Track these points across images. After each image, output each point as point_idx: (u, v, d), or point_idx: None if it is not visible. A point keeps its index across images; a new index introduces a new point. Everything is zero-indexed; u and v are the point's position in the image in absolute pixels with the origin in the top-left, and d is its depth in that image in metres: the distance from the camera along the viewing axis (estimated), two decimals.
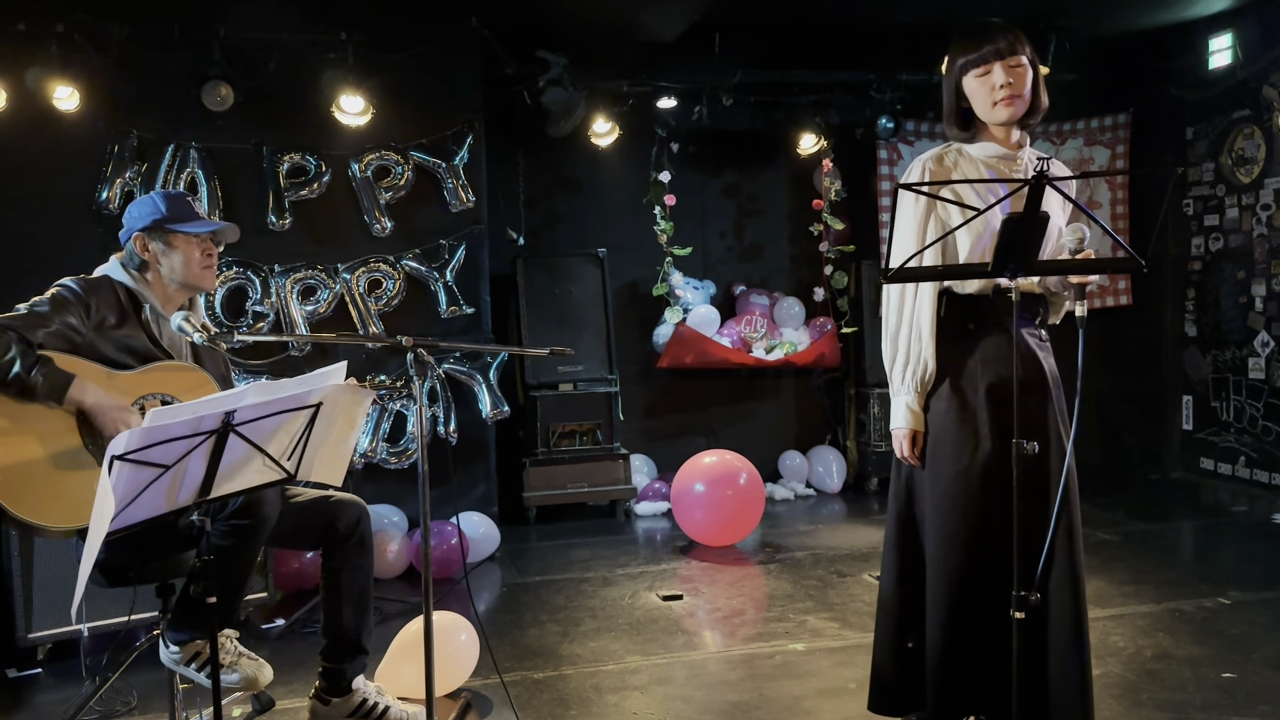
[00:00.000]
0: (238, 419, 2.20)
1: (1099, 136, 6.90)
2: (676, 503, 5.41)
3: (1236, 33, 6.20)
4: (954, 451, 2.53)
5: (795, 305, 6.71)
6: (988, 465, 2.50)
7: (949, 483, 2.54)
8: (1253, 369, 6.33)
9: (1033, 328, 2.60)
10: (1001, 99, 2.48)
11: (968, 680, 2.55)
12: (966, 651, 2.53)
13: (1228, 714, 3.13)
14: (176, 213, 2.87)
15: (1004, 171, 2.54)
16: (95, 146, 4.89)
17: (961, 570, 2.52)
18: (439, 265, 5.39)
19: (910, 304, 2.57)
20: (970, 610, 2.52)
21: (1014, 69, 2.48)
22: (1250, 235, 6.32)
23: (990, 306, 2.54)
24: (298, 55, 5.09)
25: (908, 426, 2.59)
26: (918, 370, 2.56)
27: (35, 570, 3.72)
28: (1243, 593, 4.30)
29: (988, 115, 2.52)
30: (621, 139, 6.12)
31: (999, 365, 2.52)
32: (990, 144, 2.57)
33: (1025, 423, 2.46)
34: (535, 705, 3.37)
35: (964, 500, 2.51)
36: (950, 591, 2.53)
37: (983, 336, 2.55)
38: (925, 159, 2.61)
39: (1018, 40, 2.50)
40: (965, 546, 2.51)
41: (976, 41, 2.50)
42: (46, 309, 2.68)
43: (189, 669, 2.75)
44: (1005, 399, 2.48)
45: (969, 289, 2.55)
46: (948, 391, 2.56)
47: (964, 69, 2.52)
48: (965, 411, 2.53)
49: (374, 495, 5.15)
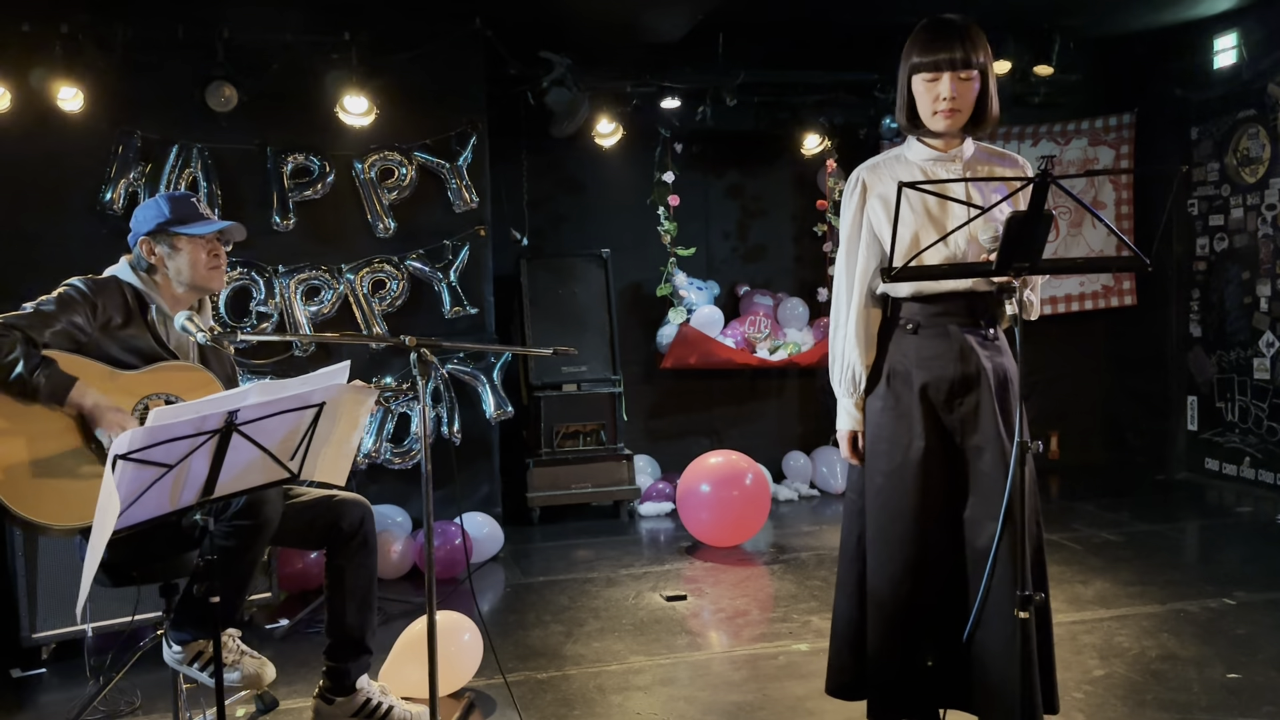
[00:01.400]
0: (241, 419, 2.20)
1: (1103, 136, 6.89)
2: (682, 503, 5.41)
3: (1241, 32, 6.18)
4: (888, 450, 2.58)
5: (799, 306, 6.70)
6: (922, 464, 2.53)
7: (884, 480, 2.59)
8: (1258, 370, 6.31)
9: (979, 328, 2.57)
10: (942, 110, 2.49)
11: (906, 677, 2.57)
12: (902, 650, 2.56)
13: (1232, 715, 3.13)
14: (180, 214, 2.87)
15: (940, 175, 2.56)
16: (99, 147, 4.90)
17: (895, 565, 2.55)
18: (443, 266, 5.39)
19: (843, 309, 2.65)
20: (907, 605, 2.54)
21: (963, 81, 2.47)
22: (1255, 235, 6.30)
23: (929, 307, 2.56)
24: (302, 56, 5.09)
25: (845, 428, 2.69)
26: (847, 373, 2.64)
27: (39, 570, 3.72)
28: (1248, 594, 4.29)
29: (927, 120, 2.54)
30: (625, 139, 6.12)
31: (934, 364, 2.54)
32: (924, 148, 2.60)
33: (962, 422, 2.50)
34: (539, 705, 3.37)
35: (898, 498, 2.55)
36: (885, 586, 2.57)
37: (920, 337, 2.57)
38: (861, 168, 2.68)
39: (974, 48, 2.47)
40: (900, 542, 2.55)
41: (932, 46, 2.48)
42: (53, 308, 2.69)
43: (192, 669, 2.76)
44: (941, 398, 2.53)
45: (902, 291, 2.57)
46: (884, 391, 2.61)
47: (914, 69, 2.52)
48: (900, 410, 2.57)
49: (378, 495, 5.15)
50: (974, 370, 2.52)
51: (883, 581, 2.58)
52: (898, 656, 2.57)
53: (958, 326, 2.53)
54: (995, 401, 2.49)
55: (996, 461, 2.47)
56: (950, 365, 2.52)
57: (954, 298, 2.53)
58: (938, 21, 2.51)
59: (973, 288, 2.53)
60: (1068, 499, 6.28)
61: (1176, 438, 6.93)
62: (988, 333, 2.58)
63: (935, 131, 2.55)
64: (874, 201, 2.60)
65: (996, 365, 2.54)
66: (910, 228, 2.52)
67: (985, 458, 2.50)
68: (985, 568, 2.44)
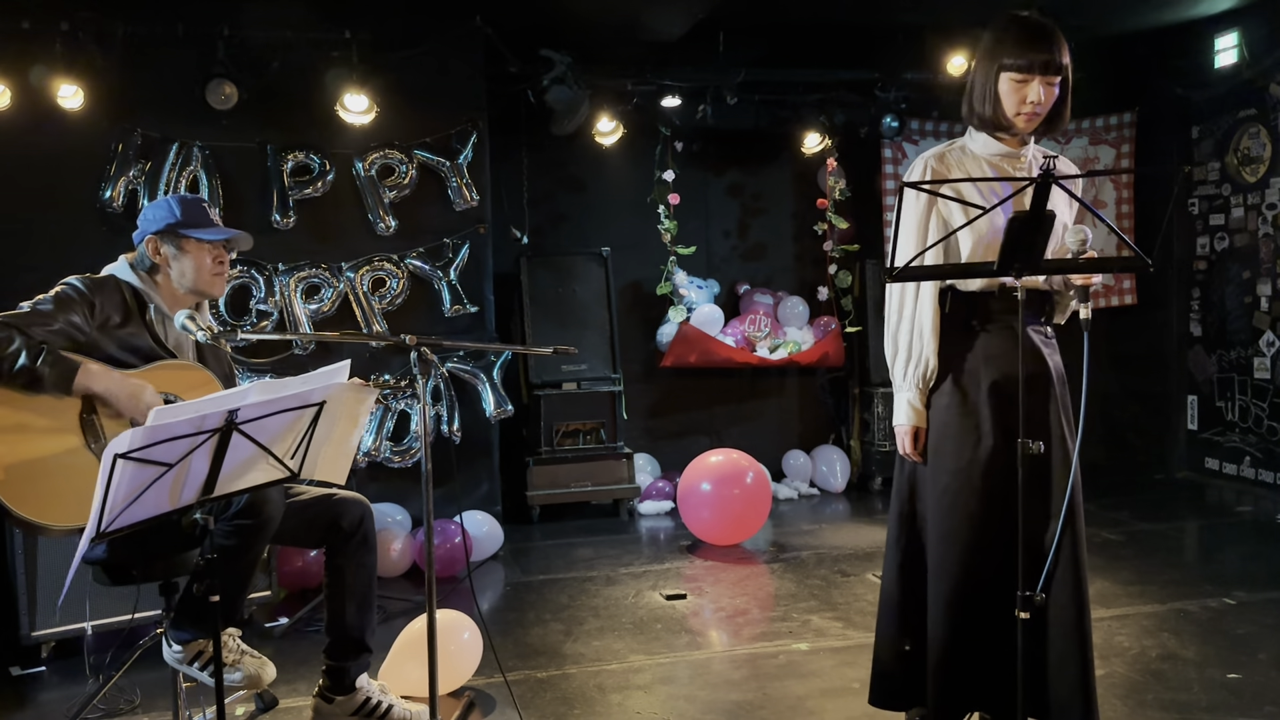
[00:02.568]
0: (241, 417, 2.20)
1: (1104, 135, 6.88)
2: (682, 501, 5.41)
3: (1242, 31, 6.18)
4: (955, 448, 2.54)
5: (799, 304, 6.70)
6: (989, 462, 2.50)
7: (950, 479, 2.54)
8: (1258, 369, 6.31)
9: (1038, 325, 2.60)
10: (1026, 113, 2.48)
11: (968, 677, 2.54)
12: (967, 648, 2.53)
13: (1233, 714, 3.12)
14: (190, 218, 2.87)
15: (1007, 170, 2.55)
16: (99, 145, 4.90)
17: (962, 567, 2.52)
18: (443, 264, 5.39)
19: (911, 301, 2.58)
20: (970, 607, 2.52)
21: (1049, 85, 2.47)
22: (1256, 235, 6.30)
23: (994, 303, 2.54)
24: (302, 54, 5.09)
25: (910, 423, 2.60)
26: (919, 367, 2.57)
27: (39, 569, 3.72)
28: (1248, 593, 4.29)
29: (1007, 118, 2.51)
30: (625, 138, 6.11)
31: (1001, 362, 2.52)
32: (993, 142, 2.56)
33: (1028, 420, 2.46)
34: (538, 704, 3.37)
35: (964, 497, 2.52)
36: (951, 588, 2.54)
37: (986, 333, 2.55)
38: (928, 157, 2.61)
39: (1062, 52, 2.47)
40: (965, 543, 2.51)
41: (1026, 47, 2.45)
42: (50, 307, 2.68)
43: (192, 668, 2.75)
44: (1007, 396, 2.49)
45: (972, 286, 2.55)
46: (950, 388, 2.56)
47: (1004, 67, 2.48)
48: (967, 408, 2.53)
49: (377, 494, 5.15)
50: (1040, 368, 2.54)
51: (951, 585, 2.53)
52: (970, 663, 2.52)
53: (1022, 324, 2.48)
54: (1059, 399, 2.51)
55: (1060, 460, 2.48)
56: (1017, 363, 2.43)
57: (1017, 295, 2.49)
58: (1029, 21, 2.50)
59: (1036, 286, 2.54)
60: None
61: (1177, 437, 6.93)
62: (1046, 331, 2.60)
63: (1014, 129, 2.52)
64: (945, 191, 2.53)
65: (1055, 363, 2.57)
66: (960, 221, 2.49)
67: (1048, 456, 2.49)
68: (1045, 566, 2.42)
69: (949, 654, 2.54)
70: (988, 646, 2.51)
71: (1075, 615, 2.47)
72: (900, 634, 2.68)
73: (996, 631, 2.50)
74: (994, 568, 2.48)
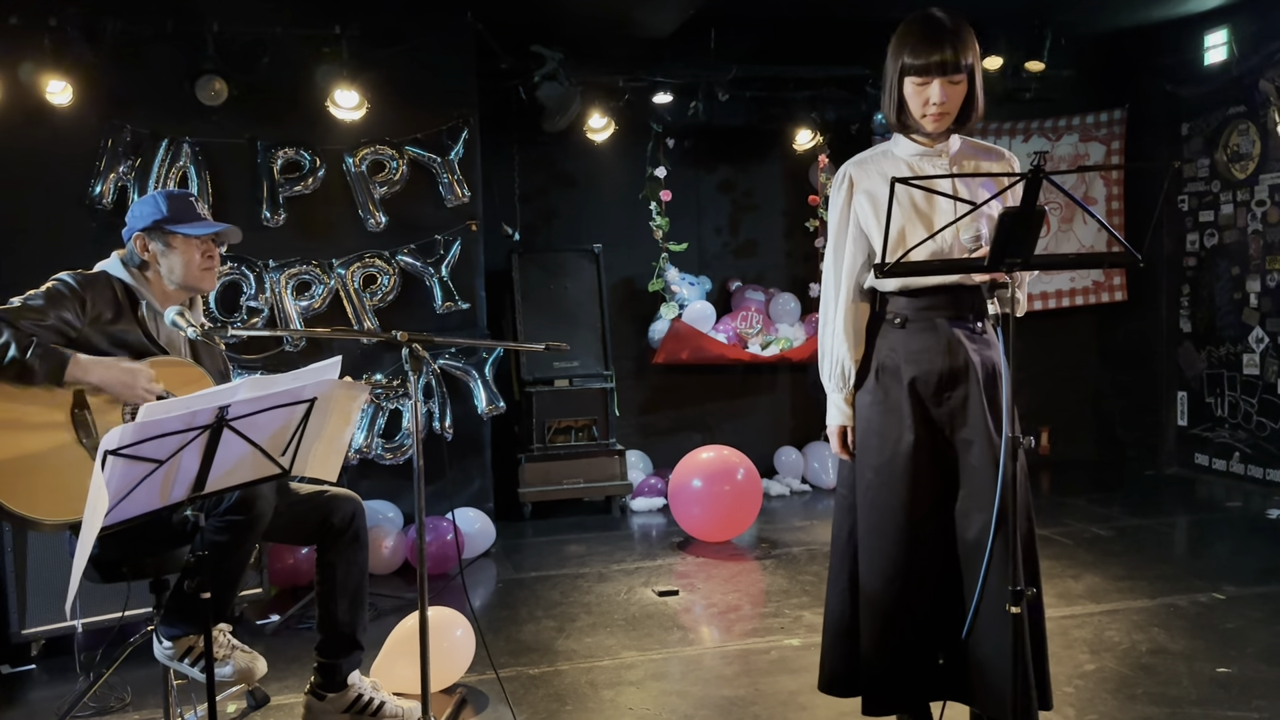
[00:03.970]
0: (232, 414, 2.19)
1: (1094, 132, 6.90)
2: (674, 498, 5.41)
3: (1232, 28, 6.20)
4: (878, 444, 2.60)
5: (791, 301, 6.71)
6: (912, 457, 2.54)
7: (874, 474, 2.60)
8: (1247, 365, 6.34)
9: (966, 322, 2.58)
10: (931, 114, 2.51)
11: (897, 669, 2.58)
12: (895, 645, 2.57)
13: (1222, 708, 3.14)
14: (177, 213, 2.85)
15: (927, 170, 2.58)
16: (88, 141, 4.88)
17: (887, 559, 2.56)
18: (434, 260, 5.38)
19: (831, 305, 2.67)
20: (898, 601, 2.55)
21: (953, 85, 2.48)
22: (1245, 231, 6.32)
23: (916, 301, 2.57)
24: (292, 49, 5.07)
25: (835, 423, 2.69)
26: (836, 368, 2.65)
27: (29, 566, 3.70)
28: (1237, 588, 4.31)
29: (915, 120, 2.55)
30: (617, 134, 6.11)
31: (922, 358, 2.56)
32: (911, 143, 2.61)
33: (950, 415, 2.50)
34: (531, 701, 3.37)
35: (887, 492, 2.57)
36: (878, 580, 2.58)
37: (906, 331, 2.58)
38: (849, 165, 2.68)
39: (963, 50, 2.46)
40: (891, 537, 2.56)
41: (923, 50, 2.46)
42: (41, 303, 2.67)
43: (183, 664, 2.75)
44: (929, 392, 2.55)
45: (888, 286, 2.59)
46: (873, 385, 2.62)
47: (904, 70, 2.50)
48: (889, 405, 2.58)
49: (369, 491, 5.14)
50: (962, 364, 2.54)
51: (875, 576, 2.59)
52: (891, 651, 2.58)
53: (945, 320, 2.55)
54: (984, 395, 2.50)
55: (985, 454, 2.48)
56: (938, 359, 2.53)
57: (941, 292, 2.54)
58: (928, 21, 2.49)
59: (960, 282, 2.54)
60: (1058, 494, 6.30)
61: (1166, 433, 6.96)
62: (975, 326, 2.58)
63: (924, 131, 2.56)
64: (860, 197, 2.61)
65: (985, 359, 2.55)
66: (897, 223, 2.53)
67: (974, 451, 2.51)
68: (976, 561, 2.45)
69: (877, 645, 2.59)
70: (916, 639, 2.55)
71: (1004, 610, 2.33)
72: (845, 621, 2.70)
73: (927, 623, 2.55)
74: (921, 561, 2.53)
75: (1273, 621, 3.90)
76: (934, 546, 2.55)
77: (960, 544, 2.54)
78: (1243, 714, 3.10)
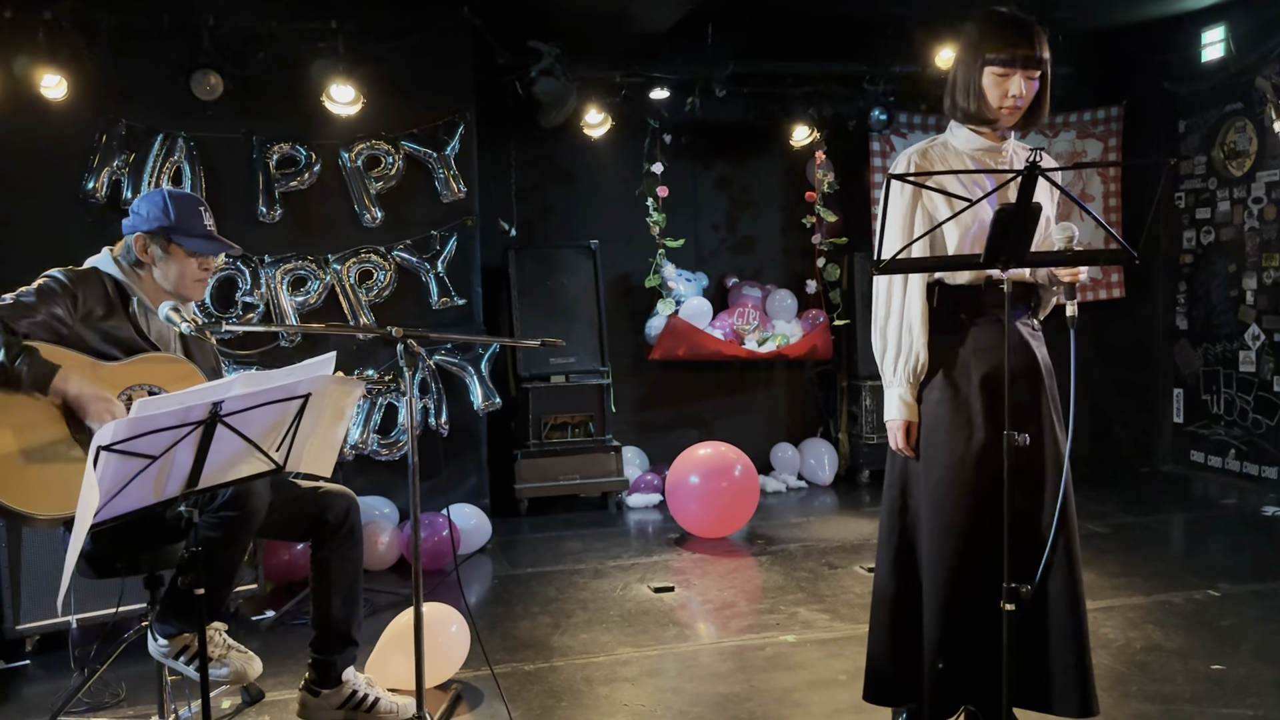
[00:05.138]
0: (225, 410, 2.19)
1: (1092, 129, 6.90)
2: (671, 494, 5.41)
3: (1229, 26, 6.19)
4: (948, 441, 2.54)
5: (788, 297, 6.70)
6: (982, 455, 2.50)
7: (944, 473, 2.54)
8: (1243, 362, 6.34)
9: (1025, 318, 2.61)
10: (1008, 106, 2.51)
11: (962, 672, 2.55)
12: (962, 642, 2.53)
13: (1217, 705, 3.14)
14: (183, 224, 2.82)
15: (988, 164, 2.57)
16: (83, 135, 4.86)
17: (959, 559, 2.53)
18: (430, 256, 5.37)
19: (899, 296, 2.58)
20: (966, 601, 2.52)
21: (1030, 79, 2.50)
22: (1241, 229, 6.33)
23: (982, 297, 2.55)
24: (288, 44, 5.06)
25: (901, 418, 2.60)
26: (910, 362, 2.57)
27: (23, 561, 3.69)
28: (1232, 585, 4.31)
29: (991, 111, 2.53)
30: (614, 130, 6.10)
31: (991, 355, 2.52)
32: (975, 136, 2.58)
33: (1018, 412, 2.47)
34: (526, 697, 3.36)
35: (958, 490, 2.52)
36: (946, 582, 2.54)
37: (974, 327, 2.55)
38: (910, 152, 2.63)
39: (1042, 46, 2.50)
40: (961, 536, 2.52)
41: (1007, 42, 2.48)
42: (33, 299, 2.66)
43: (177, 662, 2.74)
44: (998, 389, 2.48)
45: (960, 279, 2.55)
46: (941, 382, 2.56)
47: (986, 62, 2.50)
48: (959, 401, 2.54)
49: (365, 487, 5.14)
50: (1030, 361, 2.56)
51: (945, 575, 2.53)
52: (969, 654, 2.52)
53: (1009, 318, 2.47)
54: (1049, 392, 2.53)
55: (1051, 452, 2.50)
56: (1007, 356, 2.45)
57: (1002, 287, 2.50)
58: (1012, 17, 2.53)
59: (1022, 279, 2.55)
60: None
61: (1162, 430, 6.96)
62: (1034, 323, 2.61)
63: (996, 123, 2.54)
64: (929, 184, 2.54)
65: (1042, 355, 2.59)
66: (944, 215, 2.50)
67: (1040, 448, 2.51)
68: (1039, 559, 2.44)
69: (944, 648, 2.54)
70: (981, 640, 2.51)
71: (1069, 605, 2.50)
72: (895, 626, 2.67)
73: (991, 625, 2.49)
74: (989, 561, 2.48)
75: (1267, 619, 3.90)
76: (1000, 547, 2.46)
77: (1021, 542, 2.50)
78: (1237, 711, 3.10)
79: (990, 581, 2.46)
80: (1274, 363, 6.12)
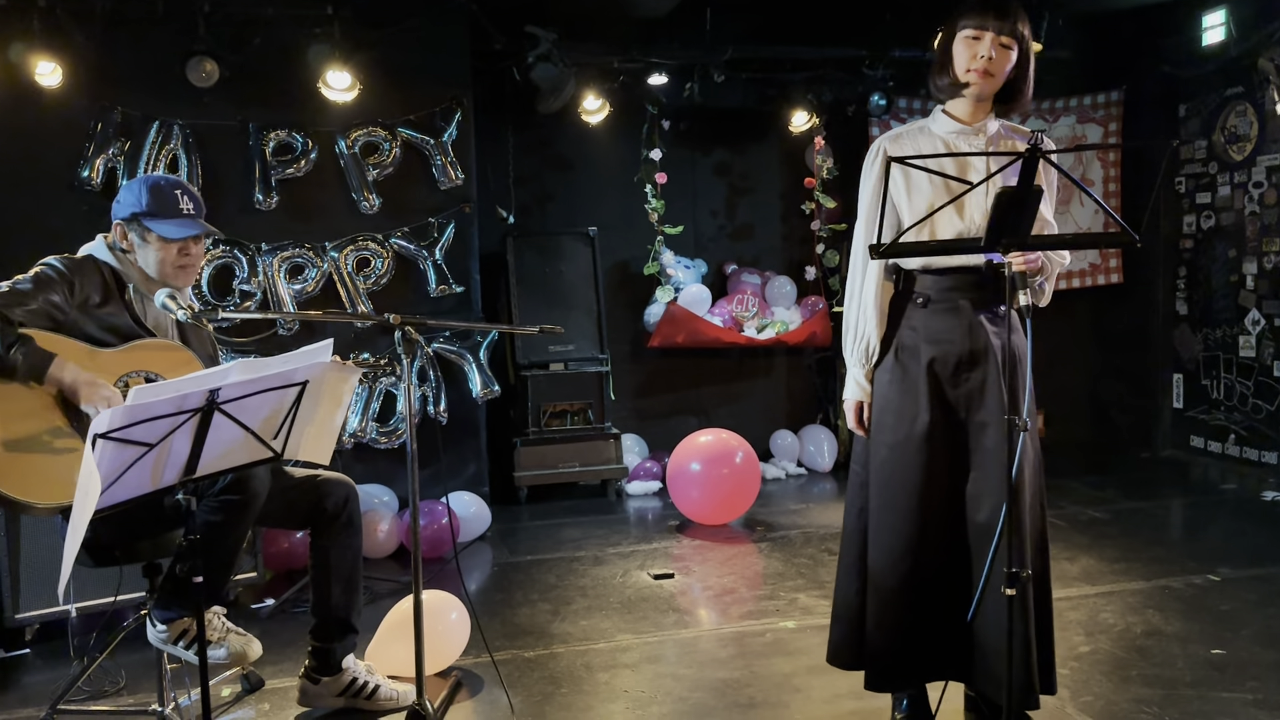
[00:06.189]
0: (223, 397, 2.18)
1: (1092, 114, 6.87)
2: (672, 481, 5.41)
3: (1230, 9, 6.16)
4: (894, 422, 2.61)
5: (787, 284, 6.69)
6: (927, 436, 2.55)
7: (889, 451, 2.62)
8: (1243, 347, 6.33)
9: (988, 304, 2.58)
10: (976, 68, 2.50)
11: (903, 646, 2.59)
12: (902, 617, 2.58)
13: (1217, 690, 3.15)
14: (156, 207, 2.78)
15: (962, 148, 2.57)
16: (78, 123, 4.84)
17: (898, 536, 2.58)
18: (428, 243, 5.35)
19: (859, 280, 2.67)
20: (907, 579, 2.57)
21: (1002, 47, 2.49)
22: (1242, 213, 6.31)
23: (939, 281, 2.57)
24: (284, 31, 5.03)
25: (854, 398, 2.72)
26: (861, 344, 2.66)
27: (22, 550, 3.69)
28: (1232, 570, 4.31)
29: (960, 76, 2.54)
30: (612, 116, 6.07)
31: (942, 339, 2.56)
32: (949, 120, 2.60)
33: (967, 397, 2.50)
34: (526, 684, 3.36)
35: (901, 469, 2.58)
36: (887, 556, 2.60)
37: (928, 311, 2.59)
38: (883, 140, 2.66)
39: (1019, 21, 2.50)
40: (902, 515, 2.58)
41: (981, 7, 2.50)
42: (29, 287, 2.65)
43: (176, 647, 2.74)
44: (947, 373, 2.56)
45: (911, 265, 2.59)
46: (892, 364, 2.64)
47: (960, 27, 2.53)
48: (906, 383, 2.59)
49: (364, 475, 5.13)
50: (981, 346, 2.55)
51: (883, 553, 2.61)
52: (895, 629, 2.59)
53: (968, 302, 2.54)
54: (1001, 378, 2.50)
55: (1000, 438, 2.48)
56: (958, 340, 2.54)
57: (965, 273, 2.54)
58: None
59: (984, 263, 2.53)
60: (1054, 476, 6.23)
61: (1162, 415, 6.96)
62: (998, 309, 2.58)
63: (965, 90, 2.54)
64: (896, 172, 2.57)
65: (1005, 342, 2.55)
66: (925, 198, 2.53)
67: (989, 434, 2.52)
68: (985, 543, 2.45)
69: (882, 622, 2.61)
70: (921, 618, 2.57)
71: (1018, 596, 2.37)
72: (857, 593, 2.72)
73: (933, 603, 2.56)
74: (930, 541, 2.55)
75: (1267, 603, 3.90)
76: (944, 527, 2.56)
77: (970, 526, 2.55)
78: (1237, 695, 3.11)
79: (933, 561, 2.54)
80: (1274, 348, 6.12)
